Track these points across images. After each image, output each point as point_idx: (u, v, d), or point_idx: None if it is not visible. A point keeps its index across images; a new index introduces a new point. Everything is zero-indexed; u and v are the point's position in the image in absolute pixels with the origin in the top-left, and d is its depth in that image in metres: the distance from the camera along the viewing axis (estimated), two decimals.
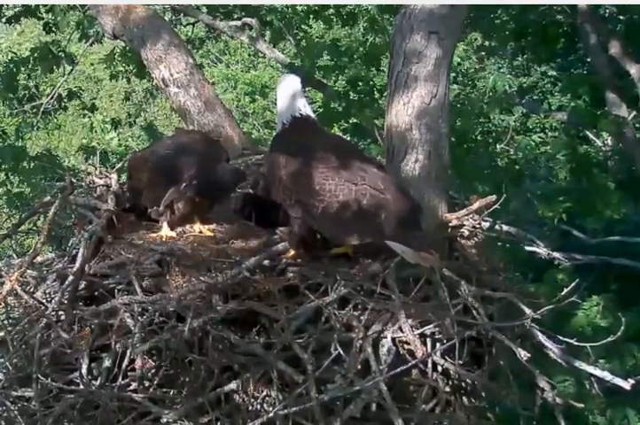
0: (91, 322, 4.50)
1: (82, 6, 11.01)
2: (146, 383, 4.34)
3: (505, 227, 5.64)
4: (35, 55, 11.63)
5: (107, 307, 4.48)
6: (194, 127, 6.37)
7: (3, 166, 11.01)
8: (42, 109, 12.34)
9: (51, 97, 12.46)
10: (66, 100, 12.53)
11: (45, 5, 11.55)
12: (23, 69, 11.78)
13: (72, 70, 12.64)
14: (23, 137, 13.08)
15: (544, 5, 10.00)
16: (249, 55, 22.30)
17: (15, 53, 12.18)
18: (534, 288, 8.08)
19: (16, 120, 13.32)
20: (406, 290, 4.48)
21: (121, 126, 14.99)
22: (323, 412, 4.13)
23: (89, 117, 14.21)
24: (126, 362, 4.33)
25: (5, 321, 4.66)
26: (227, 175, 5.08)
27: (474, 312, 4.45)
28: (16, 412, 4.35)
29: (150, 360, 4.42)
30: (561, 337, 4.53)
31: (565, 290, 4.49)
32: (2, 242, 5.32)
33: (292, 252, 4.67)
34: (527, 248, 6.08)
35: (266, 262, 4.58)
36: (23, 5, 11.49)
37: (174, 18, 11.75)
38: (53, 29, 11.84)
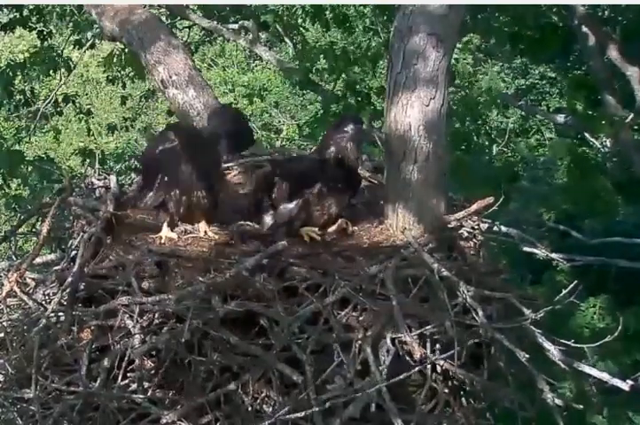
0: (91, 323, 4.50)
1: (79, 10, 11.01)
2: (146, 384, 4.34)
3: (504, 229, 5.66)
4: (32, 60, 11.64)
5: (106, 308, 4.48)
6: None
7: (0, 170, 11.02)
8: (39, 113, 12.35)
9: (48, 102, 12.47)
10: (62, 105, 12.54)
11: (36, 15, 11.56)
12: (19, 73, 11.77)
13: (68, 75, 12.64)
14: (21, 141, 13.10)
15: (541, 7, 10.00)
16: (245, 57, 22.33)
17: (13, 60, 12.17)
18: (532, 289, 8.08)
19: (12, 125, 13.34)
20: (405, 291, 4.49)
21: (118, 130, 15.00)
22: (323, 413, 4.13)
23: (86, 120, 14.22)
24: (125, 363, 4.33)
25: (5, 323, 4.65)
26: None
27: (473, 312, 4.46)
28: (15, 413, 4.35)
29: (149, 361, 4.42)
30: (559, 339, 4.53)
31: (564, 292, 4.50)
32: (0, 244, 5.33)
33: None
34: (526, 249, 6.08)
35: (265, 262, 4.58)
36: (15, 10, 11.47)
37: (170, 21, 11.74)
38: (46, 38, 11.84)
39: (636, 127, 10.12)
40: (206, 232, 5.01)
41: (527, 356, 4.32)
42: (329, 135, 5.10)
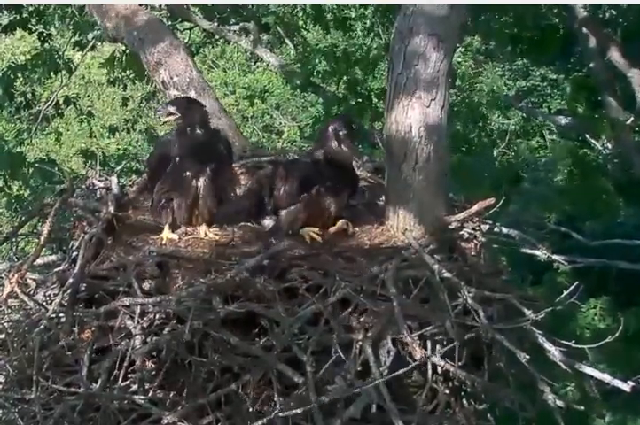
0: (91, 324, 4.50)
1: (80, 12, 11.02)
2: (147, 385, 4.34)
3: (505, 230, 5.65)
4: (33, 61, 11.65)
5: (107, 309, 4.48)
6: None
7: (1, 172, 11.04)
8: (40, 115, 12.36)
9: (49, 104, 12.48)
10: (63, 107, 12.55)
11: (35, 16, 11.56)
12: (20, 75, 11.78)
13: (69, 77, 12.65)
14: (22, 143, 13.11)
15: (541, 8, 10.02)
16: (246, 59, 22.31)
17: (14, 62, 12.18)
18: (533, 290, 8.08)
19: (13, 127, 13.33)
20: (406, 292, 4.49)
21: (119, 132, 15.03)
22: (323, 413, 4.14)
23: (88, 121, 14.23)
24: (126, 364, 4.33)
25: (6, 324, 4.65)
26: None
27: (474, 313, 4.45)
28: (16, 414, 4.35)
29: (150, 362, 4.42)
30: (560, 340, 4.53)
31: (565, 293, 4.50)
32: (2, 244, 5.33)
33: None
34: (527, 251, 6.08)
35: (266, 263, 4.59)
36: (15, 12, 11.48)
37: (171, 23, 11.76)
38: (47, 39, 11.85)
39: (637, 129, 10.14)
40: (206, 233, 5.01)
41: (528, 357, 4.32)
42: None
